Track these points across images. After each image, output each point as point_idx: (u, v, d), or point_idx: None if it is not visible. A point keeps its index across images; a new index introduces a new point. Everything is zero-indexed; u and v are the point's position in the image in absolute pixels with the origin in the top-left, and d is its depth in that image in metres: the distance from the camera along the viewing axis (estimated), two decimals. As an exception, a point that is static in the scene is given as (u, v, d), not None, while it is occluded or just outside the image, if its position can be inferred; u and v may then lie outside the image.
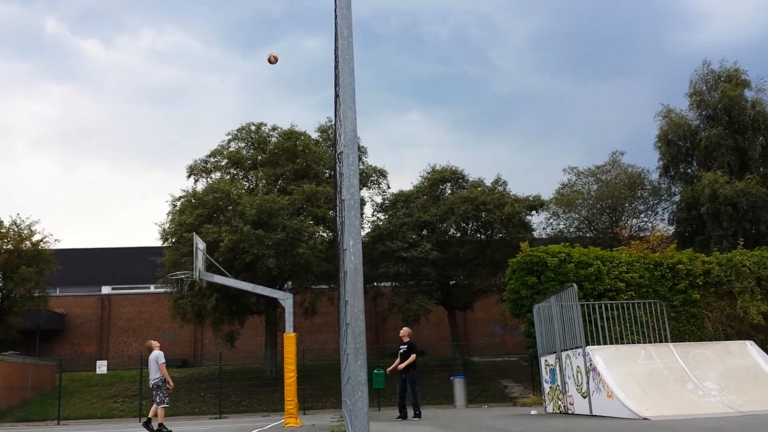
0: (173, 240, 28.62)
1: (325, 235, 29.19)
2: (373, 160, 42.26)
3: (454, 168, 32.77)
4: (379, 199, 32.81)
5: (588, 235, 32.84)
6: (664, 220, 32.92)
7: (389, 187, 33.02)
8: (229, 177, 31.12)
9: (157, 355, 13.99)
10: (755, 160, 29.12)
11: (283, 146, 30.65)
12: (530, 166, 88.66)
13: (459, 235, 31.76)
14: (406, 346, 14.12)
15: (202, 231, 25.57)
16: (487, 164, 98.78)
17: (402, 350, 14.20)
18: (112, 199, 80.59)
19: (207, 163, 31.56)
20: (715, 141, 29.28)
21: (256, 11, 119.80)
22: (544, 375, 14.44)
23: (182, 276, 19.01)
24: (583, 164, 44.56)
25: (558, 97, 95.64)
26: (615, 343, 13.08)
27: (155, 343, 14.38)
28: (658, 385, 10.75)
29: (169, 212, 29.60)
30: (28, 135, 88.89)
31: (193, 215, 27.59)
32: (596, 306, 13.72)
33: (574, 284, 12.75)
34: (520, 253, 16.92)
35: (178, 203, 29.43)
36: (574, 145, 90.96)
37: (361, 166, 31.61)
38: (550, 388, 13.97)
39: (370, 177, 32.34)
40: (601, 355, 11.32)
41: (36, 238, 31.63)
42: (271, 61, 11.23)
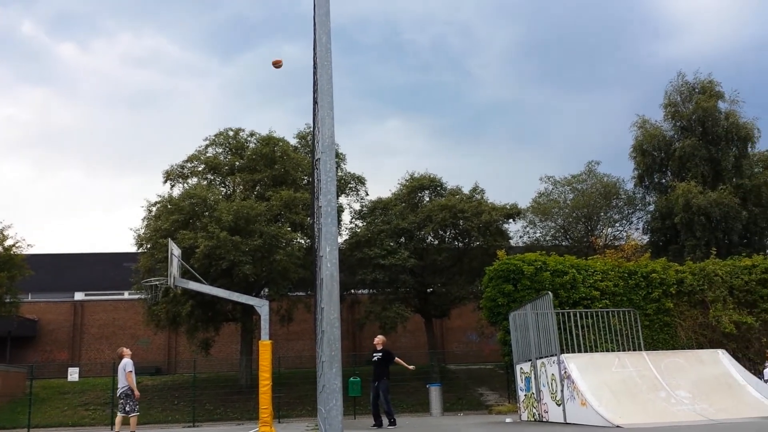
0: (148, 246, 28.34)
1: (303, 242, 29.09)
2: (351, 167, 42.29)
3: (432, 176, 32.89)
4: (357, 206, 32.77)
5: (564, 243, 33.09)
6: (639, 229, 33.35)
7: (367, 194, 33.02)
8: (206, 182, 30.85)
9: (125, 364, 13.80)
10: (728, 171, 29.53)
11: (261, 152, 30.49)
12: (507, 175, 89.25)
13: (437, 242, 31.84)
14: (381, 354, 14.10)
15: (177, 237, 25.33)
16: (465, 172, 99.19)
17: (376, 358, 14.16)
18: (87, 204, 79.63)
19: (184, 169, 31.27)
20: (689, 152, 29.69)
21: (234, 17, 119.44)
22: (520, 383, 14.49)
23: (156, 282, 18.77)
24: (560, 173, 45.02)
25: (535, 107, 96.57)
26: (589, 351, 13.19)
27: (126, 351, 14.19)
28: (632, 393, 10.86)
29: (145, 218, 29.39)
30: (1, 138, 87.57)
31: (168, 221, 27.35)
32: (571, 314, 13.83)
33: (550, 292, 12.84)
34: (497, 261, 16.99)
35: (154, 209, 29.19)
36: (551, 154, 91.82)
37: (340, 173, 31.58)
38: (525, 395, 14.02)
39: (348, 184, 32.28)
40: (576, 363, 11.40)
41: (8, 242, 31.05)
42: (276, 66, 11.28)
